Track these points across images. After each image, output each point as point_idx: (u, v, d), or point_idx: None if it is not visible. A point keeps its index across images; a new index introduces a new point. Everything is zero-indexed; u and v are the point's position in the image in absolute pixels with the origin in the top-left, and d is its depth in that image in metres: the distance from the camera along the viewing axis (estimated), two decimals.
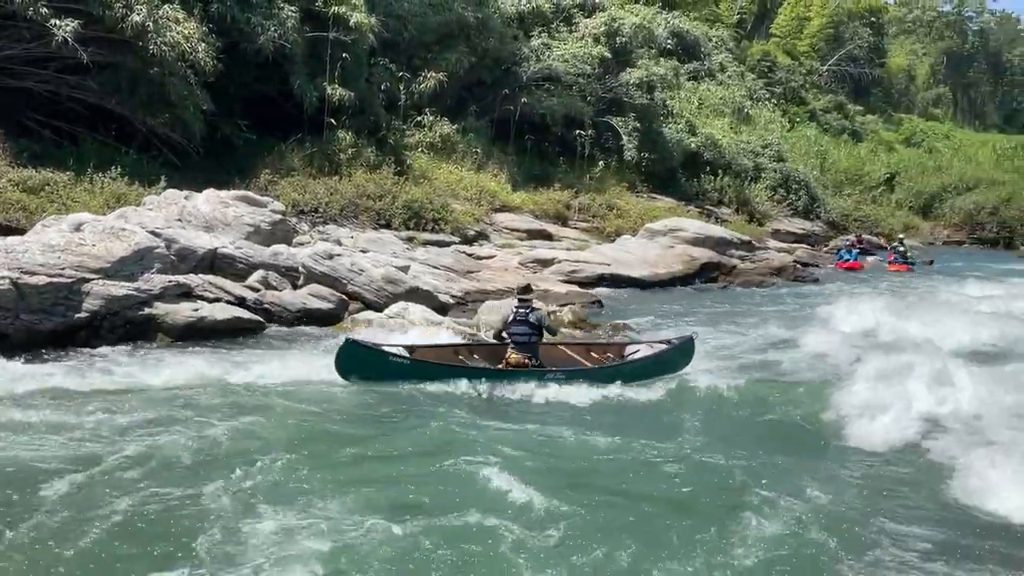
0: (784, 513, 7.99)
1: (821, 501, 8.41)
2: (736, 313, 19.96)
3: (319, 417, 10.33)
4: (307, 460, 8.73)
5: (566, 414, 11.10)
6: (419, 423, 10.28)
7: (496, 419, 10.70)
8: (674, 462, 9.41)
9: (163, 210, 17.49)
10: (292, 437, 9.48)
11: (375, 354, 11.77)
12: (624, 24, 34.41)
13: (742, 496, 8.40)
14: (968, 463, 9.41)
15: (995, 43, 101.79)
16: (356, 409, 10.88)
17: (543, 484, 8.25)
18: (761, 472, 9.11)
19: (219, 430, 9.43)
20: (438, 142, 28.60)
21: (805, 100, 58.32)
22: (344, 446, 9.39)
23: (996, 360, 15.01)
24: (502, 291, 19.20)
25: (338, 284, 16.28)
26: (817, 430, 11.02)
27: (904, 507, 8.57)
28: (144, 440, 9.03)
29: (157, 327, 13.55)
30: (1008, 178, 51.35)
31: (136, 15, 19.66)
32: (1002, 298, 22.75)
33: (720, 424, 11.11)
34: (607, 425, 10.62)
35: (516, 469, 8.62)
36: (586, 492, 8.33)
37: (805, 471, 9.33)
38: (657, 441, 9.99)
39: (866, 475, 9.49)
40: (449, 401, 11.26)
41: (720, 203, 36.21)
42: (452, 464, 8.79)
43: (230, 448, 9.00)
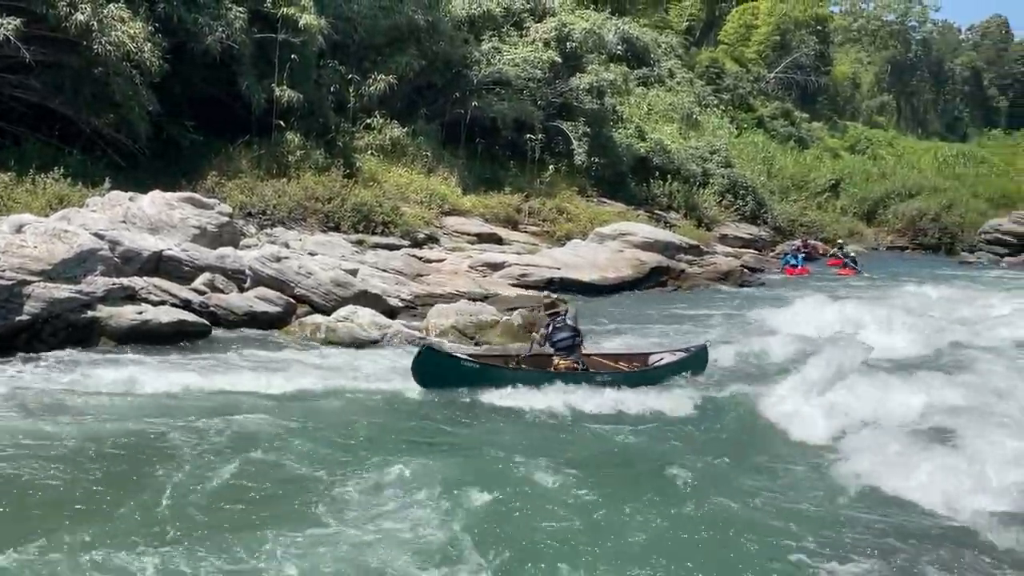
0: (706, 514, 8.10)
1: (752, 502, 8.53)
2: (684, 317, 20.13)
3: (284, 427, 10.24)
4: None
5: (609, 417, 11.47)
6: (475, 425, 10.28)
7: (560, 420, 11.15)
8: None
9: (107, 212, 17.24)
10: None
11: (449, 361, 12.05)
12: (574, 29, 34.54)
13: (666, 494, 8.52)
14: (891, 462, 9.61)
15: (937, 53, 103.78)
16: (339, 417, 10.80)
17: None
18: (685, 475, 9.22)
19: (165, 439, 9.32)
20: (388, 145, 28.47)
21: (752, 107, 58.93)
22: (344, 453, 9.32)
23: (924, 364, 15.37)
24: (452, 295, 19.18)
25: (286, 287, 16.16)
26: (752, 432, 11.15)
27: (828, 508, 8.70)
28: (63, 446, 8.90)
29: (100, 330, 13.36)
30: (949, 185, 52.29)
31: (80, 14, 19.39)
32: (942, 302, 23.22)
33: (653, 426, 11.23)
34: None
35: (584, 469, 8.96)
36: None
37: (734, 474, 9.46)
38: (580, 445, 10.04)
39: (796, 477, 9.64)
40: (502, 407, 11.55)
41: (669, 208, 36.45)
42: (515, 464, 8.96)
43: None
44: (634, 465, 9.69)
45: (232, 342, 14.32)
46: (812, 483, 9.39)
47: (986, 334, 18.74)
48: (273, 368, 12.62)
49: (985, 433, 10.41)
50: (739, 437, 11.03)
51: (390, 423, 10.79)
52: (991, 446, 9.85)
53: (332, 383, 12.11)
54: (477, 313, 16.69)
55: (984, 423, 11.01)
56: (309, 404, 11.15)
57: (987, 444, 9.93)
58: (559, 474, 8.91)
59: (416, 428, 10.66)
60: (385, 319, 15.71)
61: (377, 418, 10.90)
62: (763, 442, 10.86)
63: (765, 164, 48.86)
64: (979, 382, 13.69)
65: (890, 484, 9.19)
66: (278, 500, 8.00)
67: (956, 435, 10.54)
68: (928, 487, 8.99)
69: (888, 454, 9.99)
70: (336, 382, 12.19)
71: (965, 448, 9.94)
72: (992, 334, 18.81)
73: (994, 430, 10.61)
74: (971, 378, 13.99)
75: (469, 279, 21.43)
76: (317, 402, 11.29)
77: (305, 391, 11.65)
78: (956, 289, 26.43)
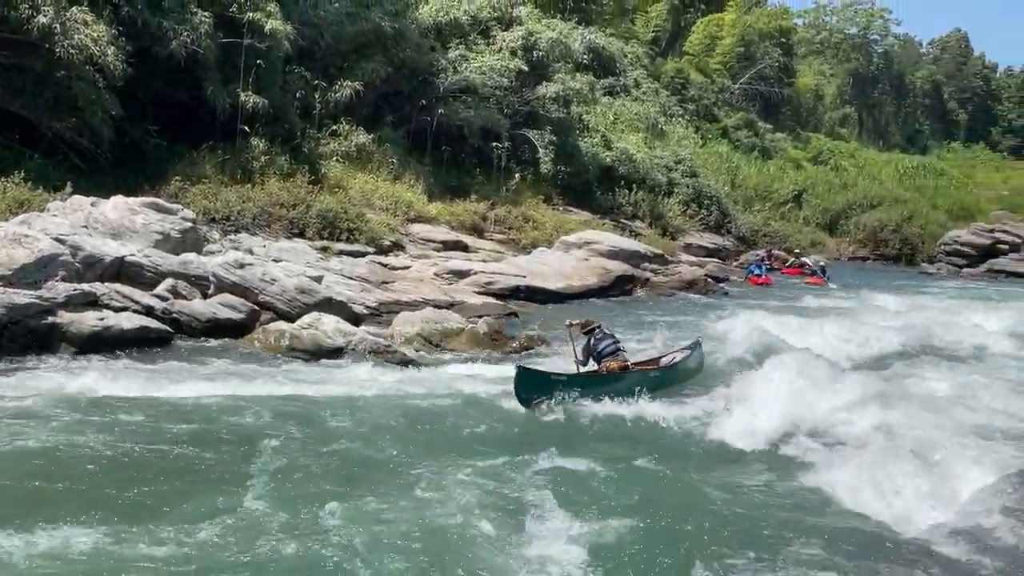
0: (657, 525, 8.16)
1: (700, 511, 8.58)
2: (649, 325, 20.19)
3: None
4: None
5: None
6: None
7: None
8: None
9: (69, 216, 17.03)
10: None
11: (542, 377, 12.53)
12: (541, 38, 34.65)
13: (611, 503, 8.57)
14: (842, 473, 9.72)
15: (898, 66, 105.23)
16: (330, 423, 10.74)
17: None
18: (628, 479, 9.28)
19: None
20: (353, 151, 28.37)
21: (717, 117, 59.38)
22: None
23: (885, 369, 15.58)
24: (417, 302, 19.13)
25: (249, 294, 16.03)
26: (701, 443, 11.23)
27: (779, 520, 8.75)
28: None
29: (61, 336, 13.19)
30: (910, 196, 53.01)
31: (43, 16, 19.19)
32: (902, 312, 23.53)
33: (604, 432, 11.30)
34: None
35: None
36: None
37: (679, 479, 9.52)
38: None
39: (744, 482, 9.71)
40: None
41: (634, 217, 36.64)
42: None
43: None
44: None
45: (194, 349, 14.20)
46: (762, 496, 9.43)
47: (943, 343, 19.03)
48: (235, 374, 12.53)
49: (939, 443, 10.54)
50: (689, 449, 11.07)
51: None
52: (946, 456, 9.97)
53: (297, 389, 12.06)
54: (443, 320, 16.67)
55: (939, 433, 11.16)
56: (278, 408, 11.08)
57: (942, 454, 10.05)
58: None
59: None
60: (350, 326, 15.63)
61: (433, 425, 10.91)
62: (712, 453, 10.89)
63: (729, 174, 49.26)
64: (935, 392, 13.89)
65: (841, 494, 9.28)
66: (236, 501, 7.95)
67: (910, 445, 10.64)
68: (881, 498, 9.06)
69: (839, 465, 10.09)
70: (300, 389, 12.14)
71: (919, 459, 10.04)
72: (948, 343, 19.13)
73: (948, 440, 10.76)
74: (927, 387, 14.20)
75: (435, 286, 21.39)
76: (286, 407, 11.22)
77: (271, 396, 11.58)
78: (920, 299, 26.76)
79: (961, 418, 12.41)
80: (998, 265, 42.59)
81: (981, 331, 20.36)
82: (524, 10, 37.47)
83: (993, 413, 13.04)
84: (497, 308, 20.34)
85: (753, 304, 24.63)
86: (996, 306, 25.61)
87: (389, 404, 11.82)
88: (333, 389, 12.36)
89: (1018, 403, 13.68)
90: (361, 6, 29.78)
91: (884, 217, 48.39)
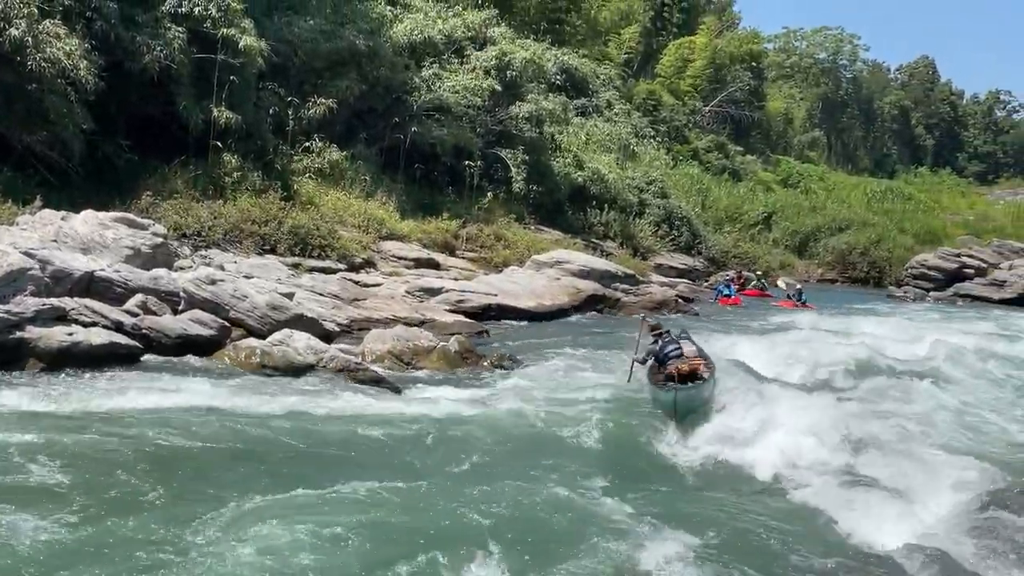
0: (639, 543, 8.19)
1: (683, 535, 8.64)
2: (619, 345, 20.28)
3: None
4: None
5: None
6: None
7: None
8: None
9: (38, 230, 16.93)
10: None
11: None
12: (515, 58, 34.83)
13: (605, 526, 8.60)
14: (817, 492, 9.82)
15: (867, 91, 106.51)
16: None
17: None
18: (620, 503, 9.32)
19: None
20: (326, 168, 28.37)
21: (688, 139, 59.84)
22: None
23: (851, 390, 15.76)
24: (389, 320, 19.14)
25: (220, 310, 15.97)
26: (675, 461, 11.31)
27: (762, 538, 8.84)
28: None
29: (29, 352, 13.07)
30: (878, 220, 53.62)
31: (15, 29, 19.11)
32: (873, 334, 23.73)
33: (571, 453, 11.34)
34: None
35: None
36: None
37: (660, 503, 9.58)
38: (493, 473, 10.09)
39: (727, 507, 9.78)
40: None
41: (606, 237, 36.82)
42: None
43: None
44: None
45: (164, 365, 14.12)
46: (730, 518, 9.51)
47: (909, 363, 19.27)
48: (203, 391, 12.49)
49: (911, 464, 10.68)
50: (661, 467, 11.16)
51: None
52: (917, 477, 10.11)
53: (266, 406, 12.03)
54: (414, 339, 16.69)
55: (909, 452, 11.30)
56: (245, 424, 11.05)
57: (913, 474, 10.19)
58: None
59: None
60: (321, 343, 15.60)
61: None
62: (678, 477, 10.98)
63: (700, 196, 49.65)
64: (907, 412, 14.06)
65: (817, 514, 9.38)
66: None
67: (881, 465, 10.78)
68: (853, 517, 9.18)
69: (814, 483, 10.20)
70: (269, 405, 12.11)
71: (890, 478, 10.18)
72: (913, 362, 19.38)
73: (919, 460, 10.90)
74: (899, 408, 14.37)
75: (406, 304, 21.39)
76: (254, 423, 11.19)
77: (239, 412, 11.55)
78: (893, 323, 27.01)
79: (932, 438, 12.57)
80: (964, 289, 43.13)
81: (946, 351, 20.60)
82: (498, 30, 37.65)
83: (962, 433, 13.25)
84: (468, 327, 20.38)
85: (723, 324, 24.79)
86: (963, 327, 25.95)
87: (358, 422, 11.79)
88: (301, 406, 12.31)
89: (988, 424, 13.93)
90: (336, 24, 29.88)
91: (852, 240, 48.95)
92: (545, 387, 14.75)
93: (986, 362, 19.95)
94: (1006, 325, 29.13)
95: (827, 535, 9.02)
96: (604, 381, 15.45)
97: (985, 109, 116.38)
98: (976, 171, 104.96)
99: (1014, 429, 14.12)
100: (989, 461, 11.13)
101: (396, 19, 34.14)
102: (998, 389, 17.51)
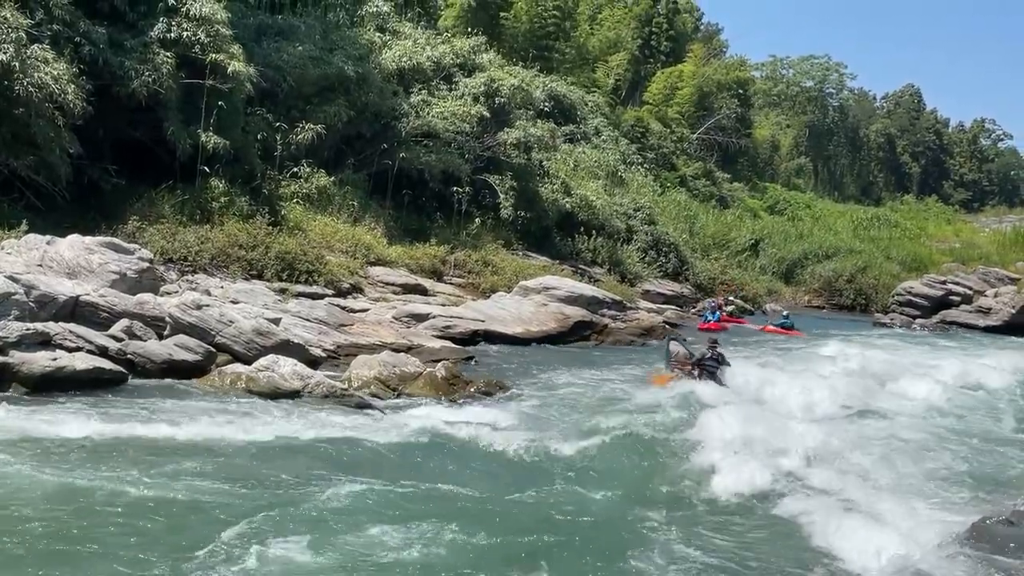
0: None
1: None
2: (607, 370, 20.28)
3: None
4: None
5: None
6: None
7: None
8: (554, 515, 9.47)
9: (23, 255, 16.87)
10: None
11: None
12: (503, 85, 34.96)
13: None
14: (818, 515, 9.81)
15: (853, 119, 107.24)
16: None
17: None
18: (632, 529, 9.25)
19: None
20: (314, 193, 28.38)
21: (676, 166, 60.05)
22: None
23: (850, 417, 15.75)
24: (376, 345, 19.09)
25: (206, 335, 15.91)
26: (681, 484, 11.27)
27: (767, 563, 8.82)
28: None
29: (12, 376, 13.00)
30: (864, 247, 53.74)
31: (2, 54, 19.14)
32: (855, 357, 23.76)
33: (593, 479, 11.27)
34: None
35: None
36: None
37: (667, 526, 9.52)
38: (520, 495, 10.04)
39: (725, 530, 9.74)
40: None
41: (593, 263, 36.82)
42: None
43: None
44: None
45: (148, 390, 14.04)
46: (730, 542, 9.50)
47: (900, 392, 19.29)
48: (187, 416, 12.42)
49: (906, 490, 10.69)
50: (661, 485, 11.13)
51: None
52: (912, 503, 10.12)
53: (249, 433, 11.95)
54: (401, 364, 16.64)
55: (904, 479, 11.31)
56: (228, 451, 10.97)
57: (908, 501, 10.20)
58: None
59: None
60: (307, 369, 15.55)
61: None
62: (678, 500, 10.95)
63: (687, 222, 49.71)
64: (898, 438, 14.07)
65: (817, 541, 9.38)
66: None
67: (879, 491, 10.79)
68: (855, 543, 9.18)
69: (809, 511, 10.19)
70: (252, 432, 12.03)
71: (887, 504, 10.18)
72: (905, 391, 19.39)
73: (913, 487, 10.91)
74: (891, 434, 14.39)
75: (393, 330, 21.35)
76: (237, 450, 11.11)
77: (222, 439, 11.47)
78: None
79: (924, 464, 12.58)
80: (951, 316, 43.21)
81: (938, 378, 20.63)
82: (487, 57, 37.81)
83: (955, 459, 13.27)
84: (455, 352, 20.33)
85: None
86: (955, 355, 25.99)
87: (343, 447, 11.73)
88: (285, 432, 12.25)
89: (979, 450, 13.95)
90: (324, 50, 29.98)
91: (839, 267, 49.05)
92: (532, 412, 14.73)
93: (977, 392, 20.05)
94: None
95: (813, 562, 9.00)
96: (591, 405, 15.43)
97: (970, 137, 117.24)
98: (962, 199, 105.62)
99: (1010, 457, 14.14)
100: (982, 490, 11.15)
101: (385, 46, 34.26)
102: (994, 421, 17.47)
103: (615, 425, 14.11)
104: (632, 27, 68.10)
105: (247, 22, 29.56)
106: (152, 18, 23.69)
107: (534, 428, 13.60)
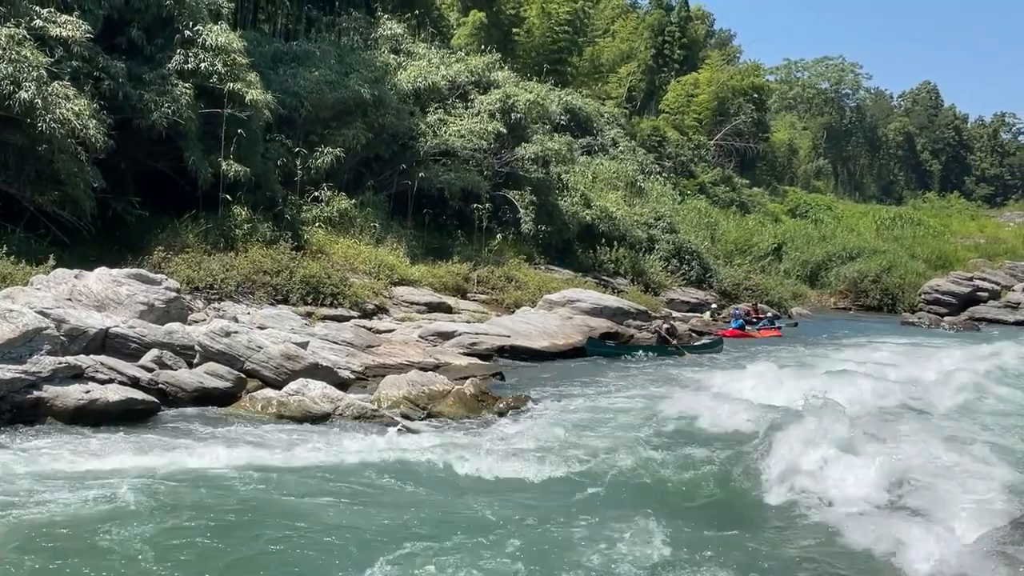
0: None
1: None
2: (636, 379, 20.22)
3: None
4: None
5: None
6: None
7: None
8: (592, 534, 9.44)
9: (52, 290, 17.01)
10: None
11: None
12: (519, 101, 35.09)
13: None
14: (854, 509, 9.74)
15: (871, 119, 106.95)
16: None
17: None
18: (686, 542, 9.22)
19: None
20: (336, 216, 28.56)
21: (694, 173, 60.03)
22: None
23: (897, 420, 15.59)
24: (403, 365, 19.13)
25: (235, 362, 15.99)
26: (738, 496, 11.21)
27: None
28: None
29: (47, 410, 13.10)
30: (888, 247, 53.54)
31: (24, 92, 19.35)
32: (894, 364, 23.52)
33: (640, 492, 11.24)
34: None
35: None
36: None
37: (726, 541, 9.48)
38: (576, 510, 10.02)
39: (748, 535, 9.70)
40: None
41: (616, 274, 36.82)
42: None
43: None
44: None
45: (181, 419, 14.11)
46: (768, 548, 9.45)
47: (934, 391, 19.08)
48: (223, 443, 12.46)
49: (946, 490, 10.59)
50: (697, 497, 11.08)
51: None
52: (954, 503, 10.04)
53: (286, 458, 11.98)
54: (429, 383, 16.64)
55: (939, 482, 11.19)
56: (268, 477, 11.00)
57: (950, 502, 10.12)
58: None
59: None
60: (337, 391, 15.59)
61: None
62: (714, 507, 10.90)
63: (709, 229, 49.63)
64: (933, 440, 13.91)
65: (854, 536, 9.32)
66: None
67: (917, 493, 10.70)
68: (891, 539, 9.12)
69: (844, 517, 10.11)
70: (288, 458, 12.06)
71: (923, 506, 10.10)
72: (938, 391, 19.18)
73: (949, 490, 10.80)
74: (923, 435, 14.23)
75: (420, 349, 21.39)
76: (276, 476, 11.14)
77: (260, 464, 11.50)
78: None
79: (961, 467, 12.44)
80: (979, 313, 42.94)
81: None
82: (501, 74, 37.97)
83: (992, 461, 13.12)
84: (483, 369, 20.35)
85: (737, 358, 24.68)
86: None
87: (378, 469, 11.73)
88: (320, 456, 12.26)
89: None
90: (340, 74, 30.21)
91: (863, 268, 48.84)
92: (564, 427, 14.63)
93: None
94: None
95: (849, 557, 8.95)
96: (624, 419, 15.37)
97: (991, 132, 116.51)
98: (984, 194, 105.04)
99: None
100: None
101: (400, 67, 34.51)
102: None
103: (652, 434, 14.12)
104: (645, 37, 68.24)
105: (263, 50, 29.88)
106: (169, 50, 23.98)
107: (567, 442, 13.53)
